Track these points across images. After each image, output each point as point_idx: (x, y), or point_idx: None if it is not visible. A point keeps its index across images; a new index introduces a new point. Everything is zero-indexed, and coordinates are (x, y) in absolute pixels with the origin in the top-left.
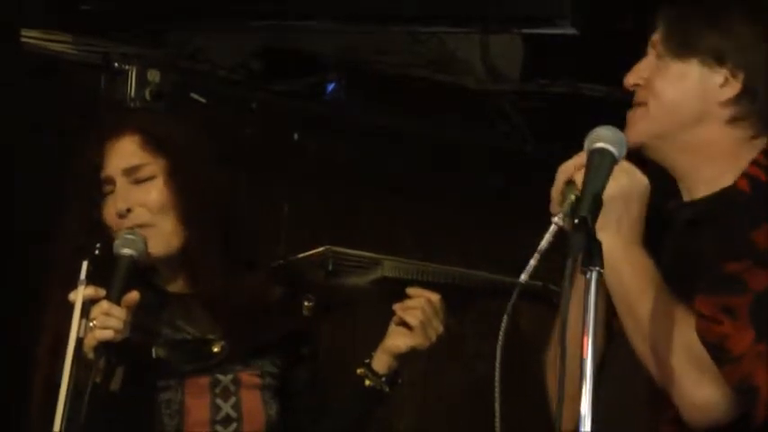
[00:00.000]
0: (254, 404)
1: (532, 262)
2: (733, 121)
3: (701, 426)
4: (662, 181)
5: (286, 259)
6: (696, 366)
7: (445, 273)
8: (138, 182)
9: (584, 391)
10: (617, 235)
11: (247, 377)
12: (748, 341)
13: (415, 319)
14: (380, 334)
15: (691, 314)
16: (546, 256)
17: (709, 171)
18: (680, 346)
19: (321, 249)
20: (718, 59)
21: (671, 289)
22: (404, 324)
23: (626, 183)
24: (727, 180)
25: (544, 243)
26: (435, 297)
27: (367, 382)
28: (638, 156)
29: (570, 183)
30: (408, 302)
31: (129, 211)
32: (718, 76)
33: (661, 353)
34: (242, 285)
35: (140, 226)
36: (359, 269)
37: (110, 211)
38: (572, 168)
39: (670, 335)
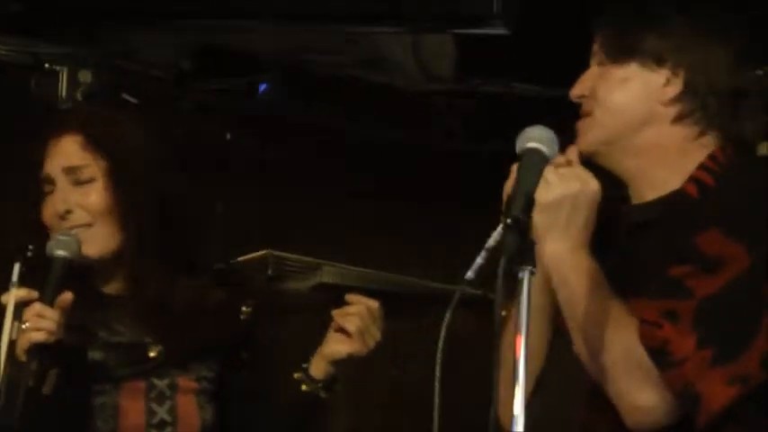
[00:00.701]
0: (189, 409)
1: (479, 260)
2: (678, 119)
3: (641, 428)
4: (614, 184)
5: (221, 260)
6: (637, 370)
7: (385, 279)
8: (78, 183)
9: (517, 391)
10: (564, 239)
11: (183, 382)
12: (690, 346)
13: (354, 326)
14: (318, 338)
15: (634, 319)
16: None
17: (659, 173)
18: (621, 351)
19: (262, 253)
20: (657, 60)
21: (616, 292)
22: (342, 330)
23: (576, 187)
24: (675, 183)
25: (491, 241)
26: (374, 304)
27: (304, 387)
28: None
29: None
30: (347, 309)
31: (68, 212)
32: (659, 76)
33: (603, 357)
34: (180, 289)
35: (78, 227)
36: (299, 274)
37: (49, 211)
38: None
39: (612, 339)
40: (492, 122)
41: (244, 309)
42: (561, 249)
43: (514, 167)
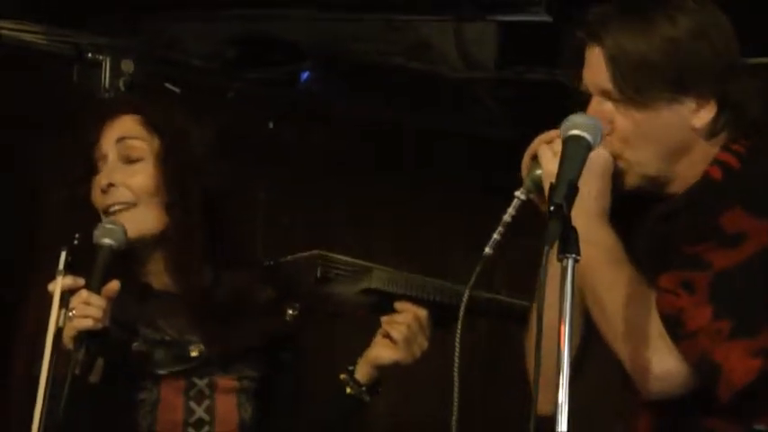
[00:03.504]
0: (227, 408)
1: (496, 236)
2: (713, 135)
3: (656, 395)
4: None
5: (265, 252)
6: (651, 337)
7: (434, 287)
8: (129, 161)
9: (561, 379)
10: (577, 210)
11: (224, 381)
12: (705, 317)
13: (400, 335)
14: (363, 342)
15: (651, 289)
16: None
17: (692, 175)
18: (637, 318)
19: (311, 253)
20: (680, 90)
21: (647, 279)
22: (389, 337)
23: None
24: (701, 172)
25: (507, 216)
26: (422, 313)
27: (348, 390)
28: None
29: (535, 158)
30: (395, 317)
31: (110, 185)
32: (688, 104)
33: (618, 325)
34: (228, 284)
35: (121, 204)
36: (347, 277)
37: (96, 188)
38: (537, 143)
39: (629, 306)
40: (534, 110)
41: (290, 312)
42: (575, 222)
43: (535, 146)
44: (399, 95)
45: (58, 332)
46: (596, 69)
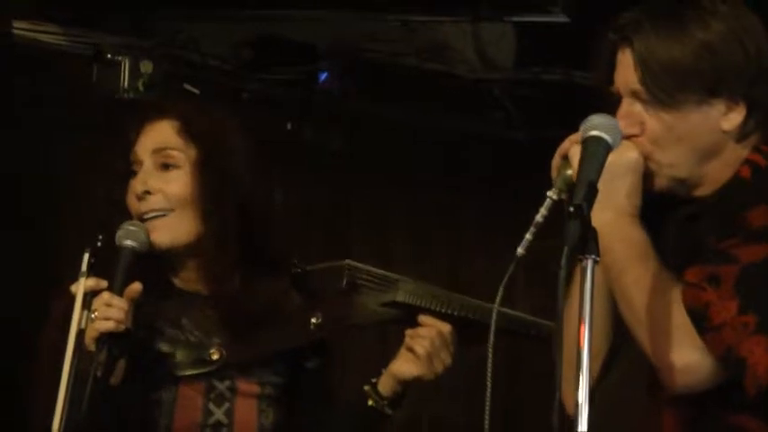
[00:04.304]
0: (247, 412)
1: (528, 236)
2: (743, 138)
3: (681, 390)
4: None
5: (295, 260)
6: (677, 331)
7: (459, 303)
8: (165, 167)
9: (581, 379)
10: (607, 208)
11: (245, 385)
12: (731, 311)
13: (423, 350)
14: (387, 354)
15: (678, 284)
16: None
17: (722, 178)
18: (663, 313)
19: (340, 262)
20: (711, 92)
21: (676, 273)
22: (412, 351)
23: (612, 158)
24: (732, 173)
25: (539, 217)
26: (447, 329)
27: (370, 402)
28: None
29: (565, 158)
30: (419, 331)
31: (146, 193)
32: (718, 106)
33: (645, 320)
34: (260, 291)
35: (156, 212)
36: (373, 288)
37: (131, 193)
38: (567, 144)
39: (655, 301)
40: (551, 111)
41: (313, 321)
42: (604, 218)
43: (566, 146)
44: (416, 96)
45: (80, 333)
46: (626, 71)
